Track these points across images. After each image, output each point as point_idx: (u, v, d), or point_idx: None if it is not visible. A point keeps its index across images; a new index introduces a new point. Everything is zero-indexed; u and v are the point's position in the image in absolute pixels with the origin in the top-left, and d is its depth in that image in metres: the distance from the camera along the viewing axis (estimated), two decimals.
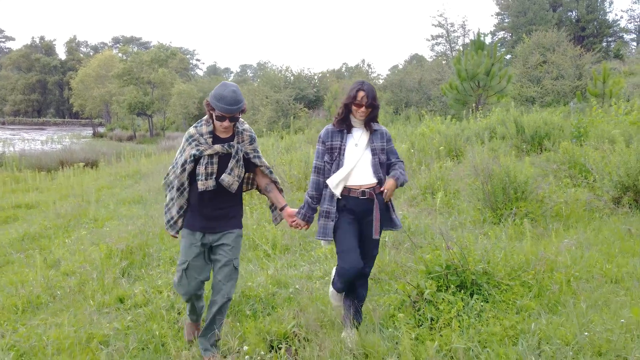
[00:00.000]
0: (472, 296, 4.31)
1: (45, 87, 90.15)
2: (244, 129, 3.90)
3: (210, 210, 3.82)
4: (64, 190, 13.88)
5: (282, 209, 4.09)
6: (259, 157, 3.98)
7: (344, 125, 3.97)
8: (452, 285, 4.29)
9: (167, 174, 3.97)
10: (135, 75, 45.51)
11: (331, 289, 4.19)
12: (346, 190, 3.92)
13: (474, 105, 27.04)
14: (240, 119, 3.86)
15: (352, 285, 4.00)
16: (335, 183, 3.87)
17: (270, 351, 3.89)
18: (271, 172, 4.08)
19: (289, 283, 5.13)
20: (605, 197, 6.92)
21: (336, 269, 3.99)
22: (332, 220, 3.92)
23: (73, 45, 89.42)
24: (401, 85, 38.23)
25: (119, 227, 8.05)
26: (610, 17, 66.06)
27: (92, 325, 4.38)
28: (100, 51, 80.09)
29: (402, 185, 4.07)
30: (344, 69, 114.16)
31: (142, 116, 51.26)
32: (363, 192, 3.89)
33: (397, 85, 38.49)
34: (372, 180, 3.93)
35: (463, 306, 4.11)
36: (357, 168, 3.93)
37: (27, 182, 16.15)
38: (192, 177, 3.78)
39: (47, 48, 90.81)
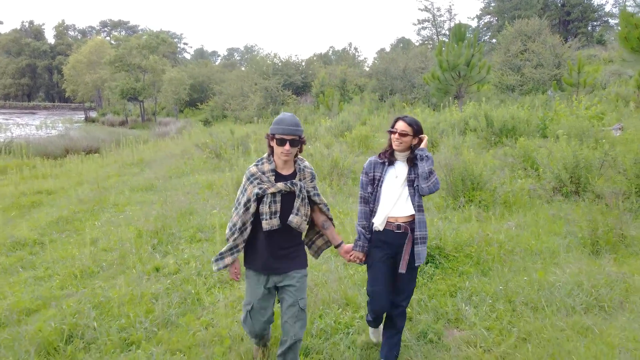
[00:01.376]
0: (426, 264, 5.79)
1: (35, 71, 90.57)
2: (305, 166, 3.84)
3: (275, 250, 3.72)
4: (75, 177, 15.13)
5: (337, 246, 4.04)
6: (318, 194, 3.90)
7: (386, 159, 3.99)
8: None
9: (232, 217, 3.84)
10: (126, 62, 46.41)
11: (370, 329, 4.40)
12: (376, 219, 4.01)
13: (455, 94, 28.50)
14: (300, 155, 3.84)
15: (390, 318, 4.13)
16: (381, 221, 3.94)
17: None
18: (328, 209, 4.01)
19: None
20: (547, 187, 8.41)
21: (368, 306, 4.13)
22: (366, 247, 4.06)
23: (62, 30, 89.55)
24: (386, 73, 39.34)
25: (139, 211, 9.39)
26: (595, 1, 67.23)
27: (141, 287, 5.78)
28: (89, 35, 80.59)
29: (429, 166, 3.87)
30: (330, 52, 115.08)
31: (133, 101, 52.20)
32: (398, 226, 3.91)
33: (382, 73, 39.61)
34: (409, 212, 3.92)
35: (419, 271, 5.58)
36: (395, 200, 3.94)
37: (37, 169, 17.33)
38: (255, 217, 3.72)
39: (36, 32, 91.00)
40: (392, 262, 3.96)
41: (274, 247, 3.70)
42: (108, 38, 64.12)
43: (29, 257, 7.42)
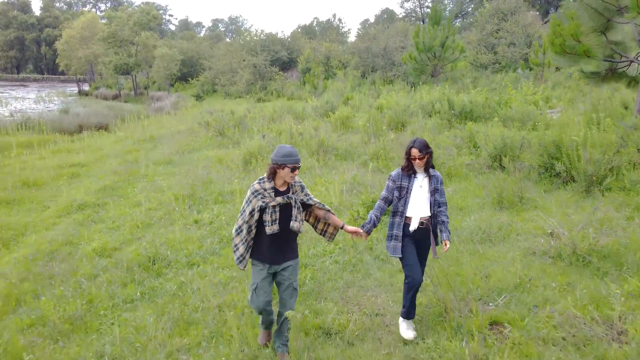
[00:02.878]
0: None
1: (23, 43, 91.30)
2: (295, 181, 4.73)
3: (275, 247, 4.69)
4: (97, 152, 17.60)
5: (342, 227, 5.01)
6: (311, 198, 4.83)
7: (411, 172, 5.06)
8: None
9: (237, 221, 4.75)
10: (119, 38, 48.30)
11: (403, 326, 5.27)
12: (409, 219, 5.09)
13: (430, 73, 30.98)
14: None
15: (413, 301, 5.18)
16: (416, 222, 5.04)
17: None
18: (323, 205, 4.95)
19: None
20: (481, 163, 11.12)
21: (405, 281, 5.14)
22: (400, 242, 5.11)
23: (48, 2, 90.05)
24: (368, 51, 41.56)
25: (167, 180, 11.95)
26: None
27: (188, 233, 8.41)
28: (75, 8, 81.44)
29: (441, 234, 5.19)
30: (315, 23, 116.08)
31: (125, 75, 54.14)
32: (422, 223, 5.06)
33: (364, 51, 41.82)
34: (428, 213, 5.07)
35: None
36: (420, 204, 5.06)
37: (58, 144, 19.70)
38: (259, 222, 4.64)
39: (23, 5, 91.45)
40: (416, 248, 5.14)
41: (274, 245, 4.68)
42: (98, 13, 65.65)
43: (95, 215, 10.02)
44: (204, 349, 5.11)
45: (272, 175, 4.60)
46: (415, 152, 4.95)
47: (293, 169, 4.52)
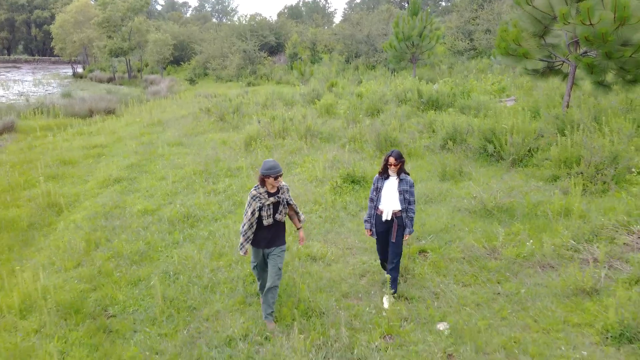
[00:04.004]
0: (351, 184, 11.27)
1: (14, 25, 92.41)
2: (282, 185, 6.16)
3: (268, 235, 6.18)
4: (112, 135, 20.17)
5: (298, 229, 6.60)
6: (291, 200, 6.30)
7: (385, 175, 6.65)
8: (347, 182, 11.23)
9: (243, 220, 6.18)
10: (113, 24, 50.44)
11: (385, 297, 6.66)
12: (380, 211, 6.66)
13: (409, 60, 33.54)
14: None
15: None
16: (388, 213, 6.60)
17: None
18: (297, 207, 6.48)
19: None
20: (436, 144, 13.90)
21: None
22: (373, 227, 6.79)
23: None
24: (352, 38, 44.07)
25: (182, 159, 14.62)
26: None
27: (208, 199, 11.13)
28: None
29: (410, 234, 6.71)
30: (301, 3, 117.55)
31: (119, 57, 56.31)
32: (395, 214, 6.61)
33: (348, 37, 44.32)
34: (399, 208, 6.57)
35: (351, 190, 11.05)
36: (390, 200, 6.59)
37: (75, 127, 22.20)
38: (258, 219, 6.10)
39: None
40: (386, 232, 6.79)
41: (268, 234, 6.20)
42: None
43: (130, 186, 12.70)
44: (232, 268, 7.87)
45: (262, 182, 6.08)
46: (391, 160, 6.51)
47: (275, 178, 5.99)
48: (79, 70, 69.27)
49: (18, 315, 6.74)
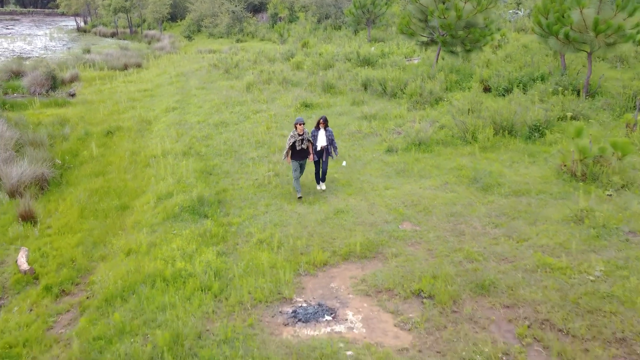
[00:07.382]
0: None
1: None
2: (305, 131, 12.16)
3: (300, 155, 12.28)
4: (149, 83, 29.80)
5: (309, 154, 12.46)
6: (308, 139, 12.29)
7: (318, 128, 12.50)
8: (303, 106, 21.33)
9: (285, 145, 12.52)
10: None
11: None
12: (316, 147, 12.44)
13: (365, 23, 42.87)
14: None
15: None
16: (320, 147, 12.46)
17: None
18: (312, 144, 12.44)
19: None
20: (357, 87, 23.93)
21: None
22: (315, 155, 12.51)
23: None
24: (322, 2, 53.28)
25: (211, 96, 24.44)
26: None
27: (234, 114, 21.12)
28: None
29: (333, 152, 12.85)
30: None
31: (120, 13, 64.86)
32: (322, 147, 12.50)
33: (319, 3, 53.56)
34: (325, 144, 12.49)
35: (304, 109, 21.15)
36: (321, 140, 12.44)
37: (118, 78, 31.71)
38: (293, 147, 12.10)
39: None
40: (319, 157, 12.77)
41: (299, 155, 12.35)
42: None
43: (183, 111, 22.55)
44: (248, 140, 17.92)
45: (295, 127, 12.07)
46: (321, 121, 12.55)
47: (301, 124, 12.04)
48: (81, 24, 77.40)
49: (161, 156, 16.74)
